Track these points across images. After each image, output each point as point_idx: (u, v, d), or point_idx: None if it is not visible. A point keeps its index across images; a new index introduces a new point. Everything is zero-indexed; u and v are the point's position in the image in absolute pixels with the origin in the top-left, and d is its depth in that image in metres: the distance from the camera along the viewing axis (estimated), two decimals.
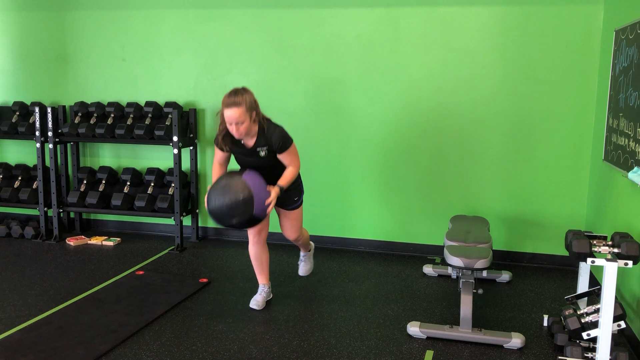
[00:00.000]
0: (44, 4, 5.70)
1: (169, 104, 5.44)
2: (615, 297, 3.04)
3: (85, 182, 5.60)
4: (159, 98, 5.58)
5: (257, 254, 3.97)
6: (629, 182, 3.63)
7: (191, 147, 5.44)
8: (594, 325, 3.15)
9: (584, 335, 3.14)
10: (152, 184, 5.44)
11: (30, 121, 5.63)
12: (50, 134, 5.42)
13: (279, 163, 3.72)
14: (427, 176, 5.08)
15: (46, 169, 5.56)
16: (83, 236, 5.57)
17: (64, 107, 5.65)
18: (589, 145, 4.75)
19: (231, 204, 3.39)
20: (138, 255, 5.10)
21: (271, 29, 5.23)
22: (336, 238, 5.38)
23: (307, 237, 4.22)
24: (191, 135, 5.42)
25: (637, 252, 2.98)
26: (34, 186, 5.64)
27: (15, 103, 5.75)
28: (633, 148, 3.50)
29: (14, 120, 5.68)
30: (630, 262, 2.99)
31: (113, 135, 5.38)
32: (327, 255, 5.13)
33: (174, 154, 5.15)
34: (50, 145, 5.45)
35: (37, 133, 5.41)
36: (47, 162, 5.57)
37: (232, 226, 3.52)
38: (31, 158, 5.94)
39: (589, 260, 3.07)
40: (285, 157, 3.68)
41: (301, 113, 5.25)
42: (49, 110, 5.37)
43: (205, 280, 4.43)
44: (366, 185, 5.22)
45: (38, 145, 5.43)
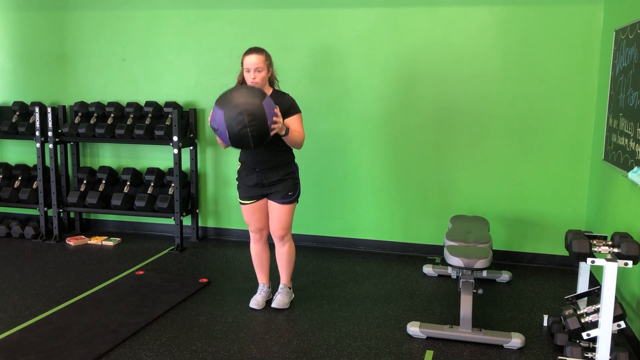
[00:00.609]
0: (44, 4, 5.71)
1: (169, 104, 5.45)
2: (615, 297, 3.04)
3: (85, 182, 5.60)
4: (159, 98, 5.58)
5: (257, 252, 3.98)
6: (629, 182, 3.63)
7: (191, 147, 5.44)
8: (594, 325, 3.15)
9: (584, 335, 3.14)
10: (152, 184, 5.44)
11: (30, 121, 5.63)
12: (50, 134, 5.42)
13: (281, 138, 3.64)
14: (427, 176, 5.08)
15: (46, 169, 5.56)
16: (83, 236, 5.57)
17: (64, 107, 5.65)
18: (589, 145, 4.75)
19: (250, 103, 3.28)
20: (138, 255, 5.10)
21: (271, 29, 5.23)
22: (336, 238, 5.38)
23: (293, 255, 3.98)
24: (191, 135, 5.42)
25: (637, 252, 2.98)
26: (34, 186, 5.64)
27: (15, 103, 5.75)
28: (633, 148, 3.50)
29: (14, 120, 5.68)
30: (630, 262, 2.99)
31: (113, 135, 5.38)
32: (327, 255, 5.13)
33: (174, 154, 5.15)
34: (50, 145, 5.45)
35: (37, 133, 5.41)
36: (47, 162, 5.57)
37: (241, 133, 3.29)
38: (31, 158, 5.95)
39: (589, 260, 3.07)
40: (294, 120, 3.68)
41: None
42: (49, 110, 5.37)
43: (205, 280, 4.43)
44: (366, 185, 5.22)
45: (38, 145, 5.43)
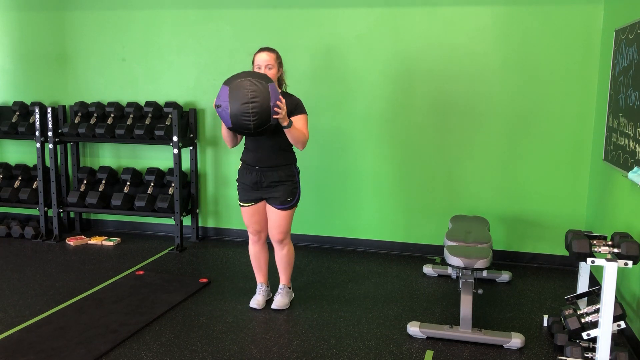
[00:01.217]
0: (44, 4, 5.71)
1: (169, 104, 5.45)
2: (615, 297, 3.04)
3: (85, 182, 5.60)
4: (159, 98, 5.58)
5: (256, 253, 3.98)
6: (629, 182, 3.63)
7: (191, 147, 5.44)
8: (594, 325, 3.15)
9: (584, 335, 3.14)
10: (152, 184, 5.44)
11: (30, 121, 5.63)
12: (50, 134, 5.42)
13: (285, 134, 3.63)
14: (427, 176, 5.08)
15: (46, 169, 5.56)
16: (83, 236, 5.57)
17: (64, 107, 5.65)
18: (589, 145, 4.75)
19: (252, 83, 3.36)
20: (138, 255, 5.10)
21: (271, 29, 5.23)
22: (336, 238, 5.38)
23: (292, 258, 3.97)
24: (191, 135, 5.42)
25: (637, 252, 2.98)
26: (34, 186, 5.64)
27: (15, 103, 5.75)
28: (633, 148, 3.50)
29: (14, 120, 5.68)
30: (630, 262, 2.99)
31: (113, 135, 5.38)
32: (327, 255, 5.13)
33: (174, 154, 5.15)
34: (50, 145, 5.45)
35: (37, 133, 5.41)
36: (47, 162, 5.57)
37: (246, 115, 3.34)
38: (31, 158, 5.95)
39: (589, 260, 3.07)
40: (299, 120, 3.66)
41: None
42: (49, 110, 5.37)
43: (205, 280, 4.43)
44: (366, 185, 5.22)
45: (38, 145, 5.43)
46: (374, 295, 4.25)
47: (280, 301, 3.95)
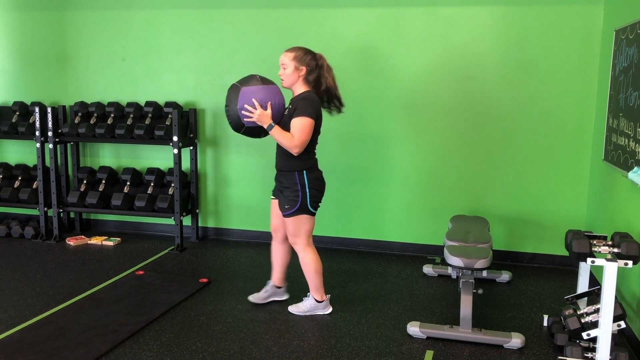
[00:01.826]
0: (44, 4, 5.71)
1: (169, 104, 5.44)
2: (615, 297, 3.04)
3: (85, 182, 5.60)
4: (159, 98, 5.58)
5: (273, 251, 4.04)
6: (629, 182, 3.63)
7: (191, 147, 5.44)
8: (594, 325, 3.15)
9: (584, 335, 3.14)
10: (152, 184, 5.44)
11: (30, 121, 5.63)
12: (50, 134, 5.42)
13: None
14: (427, 176, 5.08)
15: (46, 169, 5.56)
16: (83, 236, 5.57)
17: (64, 107, 5.65)
18: (589, 145, 4.75)
19: (231, 87, 3.63)
20: (138, 255, 5.10)
21: (271, 29, 5.23)
22: (336, 238, 5.38)
23: (312, 269, 3.80)
24: (191, 135, 5.42)
25: (637, 252, 2.98)
26: (34, 186, 5.64)
27: (15, 103, 5.75)
28: (633, 148, 3.50)
29: (14, 120, 5.68)
30: (630, 262, 2.99)
31: (113, 135, 5.38)
32: (327, 255, 5.13)
33: (174, 154, 5.15)
34: (50, 145, 5.45)
35: (37, 133, 5.41)
36: (47, 162, 5.57)
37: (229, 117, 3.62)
38: (31, 158, 5.95)
39: (589, 260, 3.07)
40: (293, 123, 3.55)
41: None
42: (49, 110, 5.37)
43: (205, 280, 4.43)
44: (366, 185, 5.21)
45: (38, 145, 5.43)
46: (374, 295, 4.24)
47: (294, 306, 3.92)
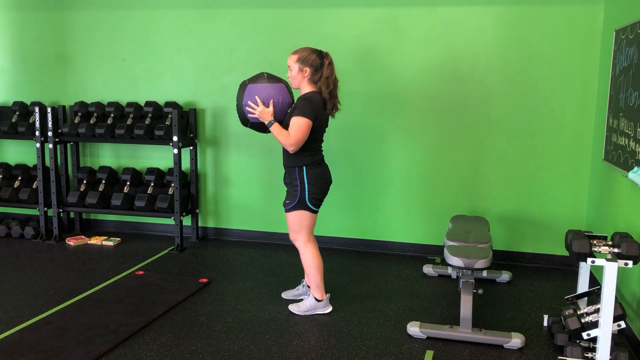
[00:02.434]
0: (44, 4, 5.71)
1: (169, 104, 5.44)
2: (615, 297, 3.04)
3: (85, 182, 5.60)
4: (159, 98, 5.58)
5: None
6: (629, 182, 3.63)
7: (191, 147, 5.44)
8: (594, 325, 3.15)
9: (584, 335, 3.14)
10: (152, 184, 5.44)
11: (30, 121, 5.63)
12: (50, 134, 5.42)
13: None
14: (427, 176, 5.08)
15: (46, 169, 5.56)
16: (83, 236, 5.57)
17: (64, 107, 5.65)
18: (589, 145, 4.75)
19: (241, 84, 3.84)
20: (138, 255, 5.10)
21: (271, 29, 5.23)
22: (336, 238, 5.38)
23: (311, 266, 3.82)
24: (191, 135, 5.42)
25: (637, 252, 2.98)
26: (34, 186, 5.64)
27: (15, 103, 5.75)
28: (633, 148, 3.50)
29: (14, 120, 5.68)
30: (630, 262, 2.99)
31: (113, 135, 5.38)
32: (326, 255, 5.13)
33: (174, 153, 5.15)
34: (50, 145, 5.45)
35: (37, 133, 5.41)
36: (47, 162, 5.57)
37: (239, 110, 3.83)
38: (31, 158, 5.95)
39: (589, 260, 3.07)
40: (292, 121, 3.61)
41: None
42: (49, 110, 5.37)
43: (205, 280, 4.43)
44: (366, 185, 5.21)
45: (38, 145, 5.43)
46: (374, 295, 4.24)
47: (295, 305, 3.92)
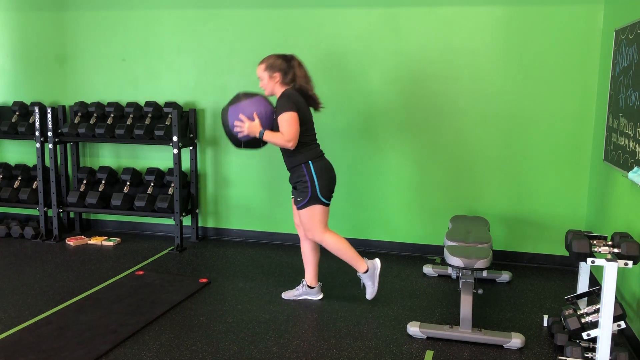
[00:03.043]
0: (44, 4, 5.71)
1: (169, 104, 5.44)
2: (615, 297, 3.04)
3: (85, 182, 5.60)
4: (159, 98, 5.58)
5: (301, 249, 4.13)
6: (629, 182, 3.63)
7: (191, 147, 5.44)
8: (594, 325, 3.15)
9: (584, 335, 3.14)
10: (152, 184, 5.44)
11: (30, 121, 5.63)
12: (50, 134, 5.42)
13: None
14: (427, 176, 5.08)
15: (46, 169, 5.56)
16: (83, 236, 5.57)
17: (63, 107, 5.65)
18: (589, 145, 4.75)
19: (222, 111, 3.86)
20: (138, 255, 5.10)
21: (271, 29, 5.23)
22: None
23: (339, 250, 3.92)
24: (191, 135, 5.42)
25: (637, 252, 2.98)
26: (34, 186, 5.64)
27: (15, 103, 5.75)
28: (633, 148, 3.50)
29: (13, 120, 5.68)
30: (630, 262, 2.99)
31: (113, 135, 5.38)
32: (327, 255, 5.12)
33: (174, 154, 5.15)
34: (50, 145, 5.45)
35: (37, 133, 5.41)
36: (47, 162, 5.57)
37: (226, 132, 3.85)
38: (31, 158, 5.95)
39: (589, 260, 3.07)
40: (279, 122, 3.71)
41: None
42: (49, 110, 5.37)
43: (205, 280, 4.43)
44: (366, 185, 5.21)
45: (38, 145, 5.43)
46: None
47: (367, 290, 4.01)
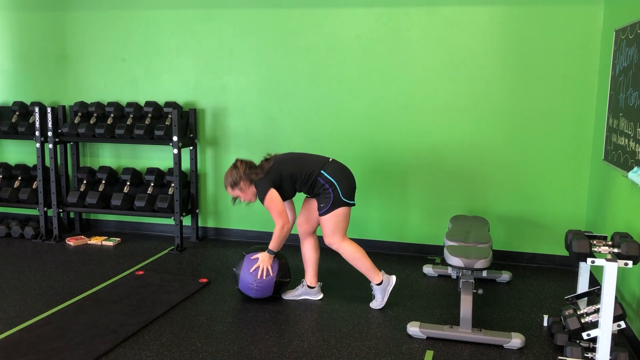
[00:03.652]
0: (44, 4, 5.70)
1: (169, 104, 5.44)
2: (615, 297, 3.04)
3: (85, 182, 5.60)
4: (159, 98, 5.58)
5: (301, 249, 4.17)
6: (629, 182, 3.63)
7: (191, 147, 5.44)
8: (594, 325, 3.15)
9: (584, 335, 3.14)
10: (152, 184, 5.44)
11: (30, 121, 5.63)
12: (50, 134, 5.42)
13: (288, 191, 3.94)
14: (427, 176, 5.08)
15: (46, 169, 5.56)
16: (83, 236, 5.57)
17: (64, 107, 5.65)
18: (589, 145, 4.75)
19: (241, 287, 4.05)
20: (138, 255, 5.10)
21: (271, 29, 5.23)
22: None
23: (355, 259, 3.97)
24: (191, 135, 5.42)
25: (637, 252, 2.98)
26: (34, 186, 5.64)
27: (15, 103, 5.75)
28: (633, 148, 3.50)
29: (14, 120, 5.68)
30: (630, 262, 2.99)
31: (113, 135, 5.38)
32: (327, 255, 5.13)
33: (174, 154, 5.15)
34: (50, 145, 5.44)
35: (37, 133, 5.41)
36: (47, 162, 5.57)
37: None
38: (31, 158, 5.94)
39: (589, 260, 3.07)
40: (265, 206, 3.84)
41: (301, 113, 5.26)
42: (49, 110, 5.37)
43: (205, 280, 4.43)
44: (366, 185, 5.21)
45: (38, 145, 5.43)
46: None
47: (373, 302, 4.03)
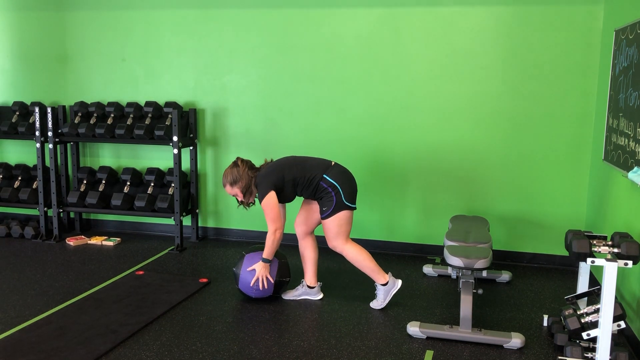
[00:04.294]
0: (44, 4, 5.71)
1: (169, 104, 5.45)
2: (615, 297, 3.04)
3: (85, 182, 5.60)
4: (159, 98, 5.58)
5: (300, 249, 4.18)
6: (629, 182, 3.63)
7: (191, 147, 5.44)
8: (594, 325, 3.15)
9: (584, 335, 3.14)
10: (152, 184, 5.44)
11: (30, 121, 5.63)
12: (50, 134, 5.42)
13: (289, 195, 3.92)
14: (427, 176, 5.08)
15: (46, 169, 5.56)
16: (83, 236, 5.57)
17: (64, 107, 5.65)
18: (589, 145, 4.75)
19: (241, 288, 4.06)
20: (138, 255, 5.10)
21: (271, 29, 5.23)
22: None
23: (359, 261, 3.97)
24: (191, 135, 5.43)
25: (637, 252, 2.98)
26: (34, 186, 5.64)
27: (15, 103, 5.75)
28: (633, 148, 3.50)
29: (14, 120, 5.68)
30: (630, 262, 2.99)
31: (113, 135, 5.38)
32: (326, 255, 5.13)
33: (174, 154, 5.15)
34: (50, 145, 5.45)
35: (37, 133, 5.41)
36: (47, 162, 5.57)
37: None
38: (31, 158, 5.95)
39: (589, 260, 3.07)
40: (262, 208, 3.83)
41: (301, 112, 5.26)
42: (49, 110, 5.37)
43: (205, 280, 4.43)
44: (366, 184, 5.21)
45: (38, 145, 5.43)
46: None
47: (374, 301, 4.04)
